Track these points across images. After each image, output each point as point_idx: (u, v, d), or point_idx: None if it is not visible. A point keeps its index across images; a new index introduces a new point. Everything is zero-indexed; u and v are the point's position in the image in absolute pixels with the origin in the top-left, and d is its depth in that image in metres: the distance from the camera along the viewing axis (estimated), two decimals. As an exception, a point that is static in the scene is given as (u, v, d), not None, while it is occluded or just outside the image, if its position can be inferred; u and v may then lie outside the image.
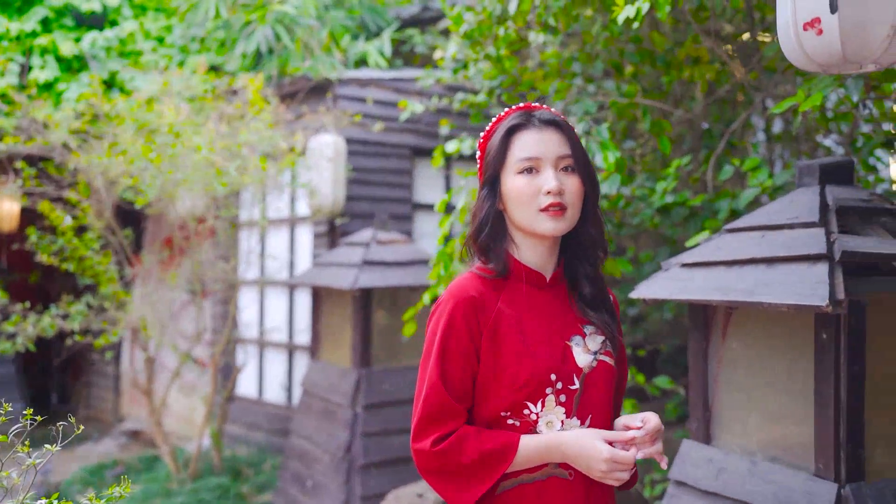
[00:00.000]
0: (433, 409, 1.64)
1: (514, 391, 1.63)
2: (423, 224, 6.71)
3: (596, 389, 1.70)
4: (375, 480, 5.00)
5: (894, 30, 1.58)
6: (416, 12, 7.75)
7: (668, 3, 3.10)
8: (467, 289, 1.69)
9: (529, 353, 1.65)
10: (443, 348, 1.65)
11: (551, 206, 1.65)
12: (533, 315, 1.70)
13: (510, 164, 1.69)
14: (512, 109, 1.78)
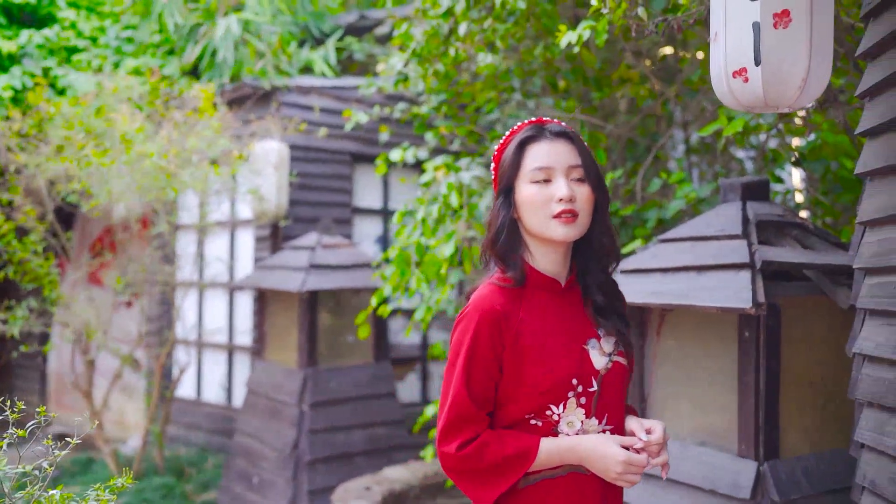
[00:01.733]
0: (458, 415, 1.72)
1: (537, 396, 1.71)
2: (361, 228, 6.92)
3: (612, 389, 1.78)
4: (322, 476, 5.19)
5: (805, 81, 1.90)
6: (354, 20, 7.93)
7: (604, 32, 3.40)
8: (491, 302, 1.74)
9: (551, 359, 1.72)
10: (468, 359, 1.72)
11: (563, 212, 1.71)
12: (552, 321, 1.77)
13: (523, 174, 1.76)
14: (524, 123, 1.84)
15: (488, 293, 1.77)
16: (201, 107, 5.50)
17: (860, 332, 2.21)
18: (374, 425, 5.54)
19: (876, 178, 2.16)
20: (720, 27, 1.95)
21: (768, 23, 1.85)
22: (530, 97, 4.98)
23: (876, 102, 2.15)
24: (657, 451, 1.75)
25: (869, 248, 2.16)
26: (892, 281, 2.04)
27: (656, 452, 1.76)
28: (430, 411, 4.77)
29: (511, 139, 1.83)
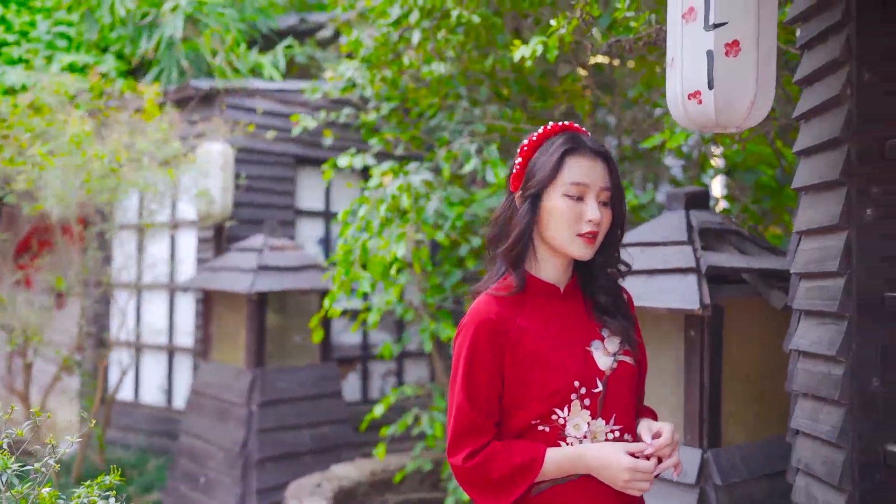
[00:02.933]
0: (462, 427, 1.73)
1: (541, 402, 1.71)
2: (304, 230, 6.98)
3: (618, 389, 1.77)
4: (270, 474, 5.26)
5: (752, 104, 2.11)
6: (294, 23, 7.98)
7: (555, 48, 3.60)
8: (487, 312, 1.74)
9: (552, 365, 1.72)
10: (468, 371, 1.73)
11: (589, 233, 1.73)
12: (552, 326, 1.77)
13: (559, 184, 1.74)
14: (556, 127, 1.82)
15: (484, 302, 1.77)
16: (147, 108, 5.50)
17: (796, 330, 2.45)
18: (321, 424, 5.63)
19: (810, 192, 2.40)
20: (677, 54, 2.14)
21: (721, 51, 2.05)
22: (476, 105, 5.16)
23: (810, 125, 2.39)
24: (669, 454, 1.74)
25: (804, 255, 2.40)
26: (824, 285, 2.28)
27: (668, 455, 1.74)
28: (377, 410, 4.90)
29: (543, 141, 1.80)
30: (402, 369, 7.42)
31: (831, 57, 2.22)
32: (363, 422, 5.15)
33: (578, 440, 1.72)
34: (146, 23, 6.95)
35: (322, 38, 7.82)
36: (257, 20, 7.56)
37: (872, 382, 2.11)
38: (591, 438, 1.73)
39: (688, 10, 2.06)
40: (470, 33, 4.49)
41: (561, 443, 1.73)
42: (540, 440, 1.73)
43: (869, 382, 2.11)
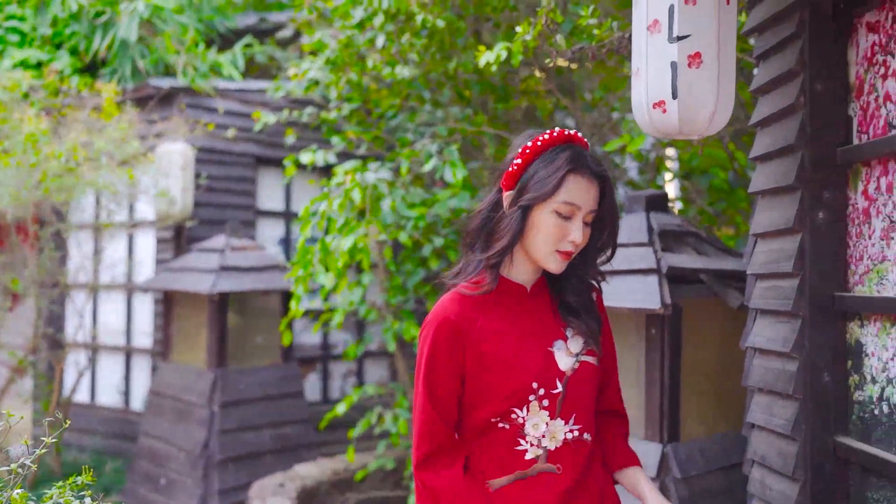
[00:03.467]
0: (421, 426, 1.76)
1: (500, 401, 1.72)
2: (265, 230, 6.97)
3: (579, 390, 1.77)
4: (232, 475, 5.26)
5: (713, 113, 2.21)
6: (254, 23, 7.95)
7: (520, 53, 3.68)
8: (448, 311, 1.75)
9: (512, 365, 1.72)
10: (429, 370, 1.75)
11: (567, 252, 1.74)
12: (515, 326, 1.77)
13: (552, 201, 1.71)
14: (561, 135, 1.77)
15: (448, 301, 1.77)
16: (106, 107, 5.45)
17: (752, 328, 2.56)
18: (282, 424, 5.64)
19: (766, 196, 2.51)
20: (642, 64, 2.23)
21: (684, 63, 2.14)
22: (439, 107, 5.22)
23: (766, 132, 2.50)
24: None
25: (760, 257, 2.51)
26: (779, 285, 2.39)
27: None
28: (340, 409, 4.94)
29: (548, 148, 1.75)
30: (363, 369, 7.45)
31: (786, 67, 2.33)
32: (324, 420, 5.19)
33: (537, 439, 1.73)
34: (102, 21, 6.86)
35: (282, 38, 7.80)
36: (215, 19, 7.52)
37: (824, 378, 2.22)
38: (550, 438, 1.74)
39: (652, 22, 2.15)
40: (434, 37, 4.55)
41: (520, 440, 1.74)
42: (500, 437, 1.74)
43: (821, 378, 2.22)
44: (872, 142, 2.09)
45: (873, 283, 2.11)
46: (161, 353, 6.03)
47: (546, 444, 1.74)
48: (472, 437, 1.78)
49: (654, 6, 2.14)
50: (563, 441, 1.75)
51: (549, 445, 1.74)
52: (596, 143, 5.84)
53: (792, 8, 2.27)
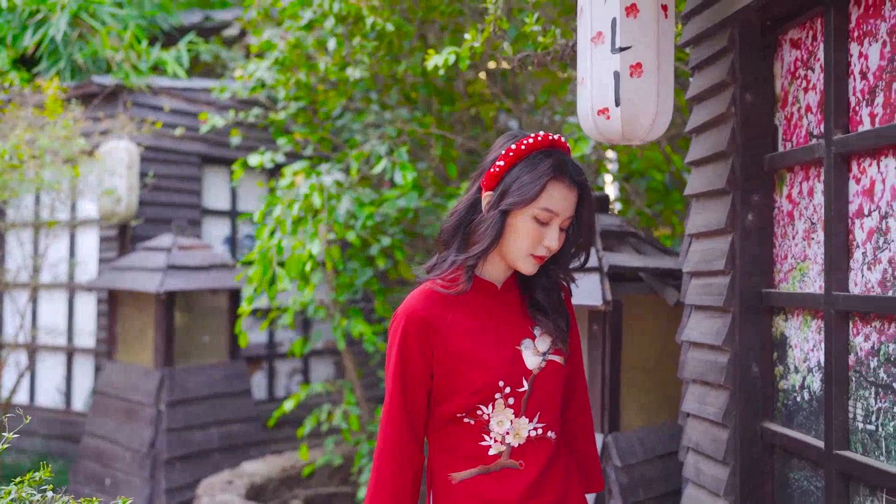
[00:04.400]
0: (387, 412, 1.77)
1: (466, 397, 1.73)
2: (211, 229, 6.96)
3: (545, 388, 1.78)
4: (179, 473, 5.26)
5: (654, 120, 2.35)
6: (198, 20, 7.91)
7: (467, 58, 3.80)
8: (416, 307, 1.75)
9: (479, 362, 1.73)
10: (398, 363, 1.75)
11: (541, 256, 1.75)
12: (484, 324, 1.78)
13: (534, 206, 1.70)
14: (546, 140, 1.76)
15: (418, 296, 1.77)
16: (49, 105, 5.39)
17: (687, 323, 2.72)
18: (230, 422, 5.66)
19: (700, 199, 2.67)
20: (586, 73, 2.37)
21: (626, 72, 2.28)
22: (387, 108, 5.31)
23: (700, 139, 2.66)
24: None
25: (694, 256, 2.67)
26: (712, 282, 2.55)
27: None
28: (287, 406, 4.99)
29: (529, 152, 1.74)
30: (309, 368, 7.49)
31: (718, 79, 2.49)
32: (271, 418, 5.23)
33: (501, 435, 1.74)
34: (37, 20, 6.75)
35: (228, 37, 7.79)
36: (157, 16, 7.46)
37: (752, 368, 2.39)
38: (514, 435, 1.74)
39: (596, 34, 2.28)
40: (382, 39, 4.64)
41: (484, 436, 1.74)
42: (464, 431, 1.75)
43: (749, 368, 2.39)
44: (795, 149, 2.26)
45: (796, 280, 2.28)
46: (106, 352, 5.98)
47: (510, 441, 1.74)
48: (437, 428, 1.79)
49: (597, 19, 2.28)
50: (526, 438, 1.75)
51: (513, 442, 1.74)
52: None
53: (723, 23, 2.43)
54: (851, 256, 2.02)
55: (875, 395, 1.91)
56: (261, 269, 4.45)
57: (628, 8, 2.22)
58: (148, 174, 6.26)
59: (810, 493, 2.19)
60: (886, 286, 1.89)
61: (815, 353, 2.18)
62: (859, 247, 1.99)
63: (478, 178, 1.81)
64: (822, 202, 2.15)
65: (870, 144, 1.93)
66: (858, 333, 1.98)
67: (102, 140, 5.99)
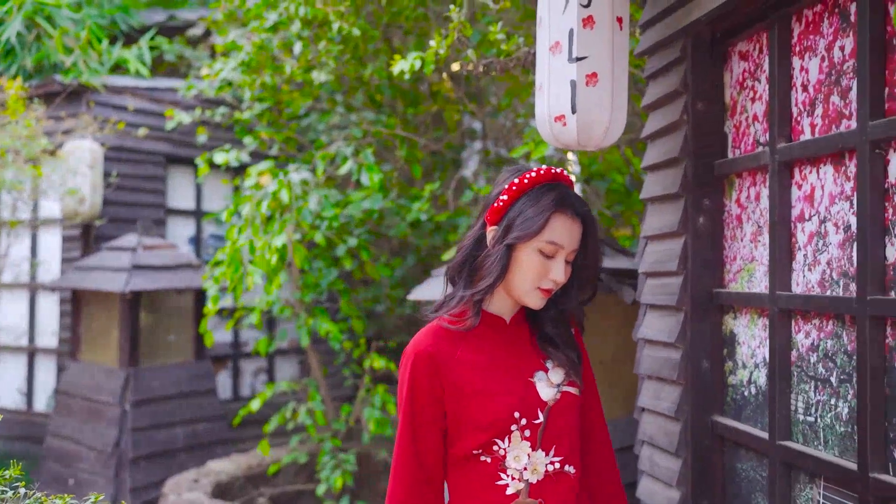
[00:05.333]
0: (401, 477, 1.74)
1: (481, 431, 1.69)
2: (175, 228, 6.96)
3: (561, 420, 1.74)
4: (144, 473, 5.28)
5: (608, 127, 2.45)
6: (162, 20, 7.89)
7: (432, 63, 3.88)
8: (425, 344, 1.73)
9: (492, 396, 1.70)
10: (410, 403, 1.73)
11: (548, 289, 1.74)
12: (494, 357, 1.76)
13: (538, 239, 1.71)
14: (548, 173, 1.77)
15: (427, 334, 1.76)
16: (10, 103, 5.36)
17: (642, 322, 2.83)
18: (195, 421, 5.68)
19: (655, 203, 2.79)
20: (544, 81, 2.46)
21: (582, 81, 2.38)
22: (352, 110, 5.37)
23: (655, 145, 2.77)
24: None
25: (649, 257, 2.78)
26: (666, 282, 2.66)
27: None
28: (254, 405, 5.04)
29: (532, 186, 1.75)
30: (273, 367, 7.52)
31: (671, 88, 2.60)
32: (237, 417, 5.27)
33: (519, 472, 1.70)
34: None
35: (192, 37, 7.78)
36: (116, 14, 7.42)
37: (703, 364, 2.50)
38: (532, 470, 1.70)
39: (554, 44, 2.38)
40: (348, 43, 4.70)
41: (501, 474, 1.70)
42: (480, 471, 1.71)
43: (700, 365, 2.50)
44: (743, 156, 2.37)
45: (744, 281, 2.40)
46: (69, 352, 5.97)
47: (528, 477, 1.70)
48: (451, 471, 1.76)
49: (555, 29, 2.38)
50: (544, 474, 1.71)
51: (531, 479, 1.70)
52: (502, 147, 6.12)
53: (677, 35, 2.54)
54: (794, 258, 2.14)
55: (814, 388, 2.04)
56: (232, 268, 4.49)
57: (585, 20, 2.32)
58: (112, 174, 6.25)
59: (756, 481, 2.31)
60: (825, 286, 2.01)
61: (762, 349, 2.30)
62: (801, 249, 2.11)
63: (482, 214, 1.81)
64: (767, 206, 2.27)
65: (810, 153, 2.05)
66: (800, 331, 2.10)
67: (65, 139, 5.97)
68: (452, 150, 5.92)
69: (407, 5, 4.70)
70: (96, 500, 2.25)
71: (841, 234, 1.95)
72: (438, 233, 5.12)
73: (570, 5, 2.35)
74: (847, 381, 1.91)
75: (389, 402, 4.95)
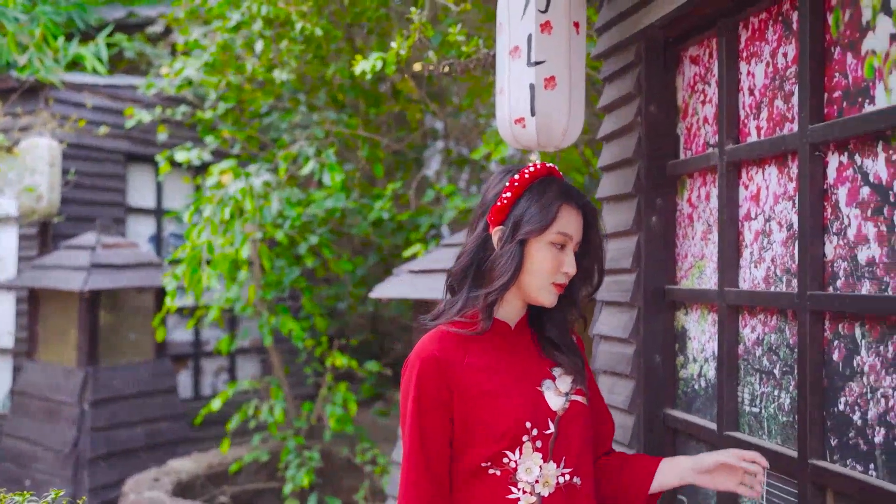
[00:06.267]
0: (410, 481, 1.66)
1: (491, 443, 1.64)
2: (135, 227, 6.91)
3: (572, 430, 1.71)
4: (104, 472, 5.25)
5: (566, 129, 2.53)
6: (121, 16, 7.82)
7: (393, 63, 3.93)
8: (432, 349, 1.68)
9: (502, 404, 1.65)
10: (416, 411, 1.66)
11: (561, 284, 1.73)
12: (502, 364, 1.72)
13: (550, 232, 1.70)
14: (544, 169, 1.78)
15: (432, 339, 1.72)
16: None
17: (598, 318, 2.91)
18: (156, 421, 5.66)
19: (610, 202, 2.86)
20: (505, 85, 2.53)
21: (541, 85, 2.45)
22: (314, 110, 5.40)
23: (610, 146, 2.85)
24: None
25: (606, 255, 2.86)
26: (620, 279, 2.74)
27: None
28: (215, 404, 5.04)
29: (532, 181, 1.76)
30: (235, 366, 7.50)
31: (626, 90, 2.68)
32: (199, 416, 5.26)
33: (530, 485, 1.65)
34: None
35: (152, 34, 7.72)
36: (73, 11, 7.34)
37: (655, 359, 2.58)
38: (544, 483, 1.65)
39: (514, 48, 2.45)
40: (310, 43, 4.73)
41: (512, 488, 1.64)
42: (490, 486, 1.65)
43: (653, 359, 2.58)
44: (694, 157, 2.46)
45: (695, 277, 2.49)
46: (26, 352, 5.90)
47: (539, 491, 1.64)
48: (457, 486, 1.68)
49: (515, 34, 2.44)
50: (555, 486, 1.66)
51: (543, 492, 1.65)
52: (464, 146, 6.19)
53: (631, 39, 2.62)
54: (741, 255, 2.23)
55: (759, 380, 2.12)
56: (189, 268, 4.49)
57: (543, 25, 2.39)
58: (70, 171, 6.19)
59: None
60: (769, 282, 2.10)
61: (711, 343, 2.38)
62: (748, 247, 2.20)
63: (481, 217, 1.78)
64: (716, 206, 2.36)
65: (756, 154, 2.13)
66: (746, 325, 2.19)
67: (22, 136, 5.91)
68: (414, 149, 5.97)
69: (369, 6, 4.74)
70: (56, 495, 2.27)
71: (784, 233, 2.04)
72: (400, 232, 5.17)
73: (529, 11, 2.42)
74: (789, 373, 2.00)
75: (351, 399, 4.99)
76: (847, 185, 1.81)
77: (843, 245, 1.82)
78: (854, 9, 1.81)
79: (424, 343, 1.71)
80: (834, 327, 1.84)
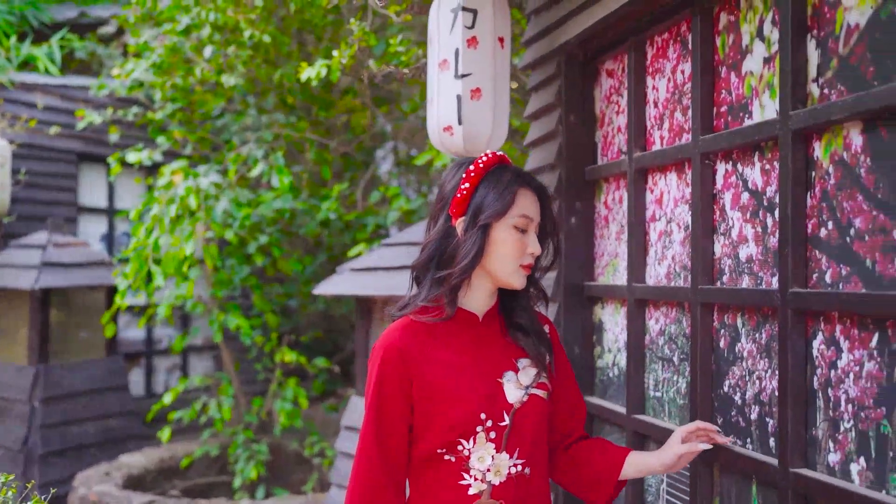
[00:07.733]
0: (362, 482, 1.72)
1: (446, 431, 1.68)
2: (87, 226, 6.96)
3: (526, 423, 1.74)
4: (55, 468, 5.32)
5: (490, 137, 2.71)
6: (74, 17, 7.84)
7: (337, 70, 4.08)
8: (394, 338, 1.72)
9: (459, 395, 1.69)
10: (376, 397, 1.72)
11: (528, 265, 1.78)
12: (464, 356, 1.76)
13: (509, 217, 1.74)
14: (495, 157, 1.81)
15: (396, 328, 1.75)
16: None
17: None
18: (107, 417, 5.74)
19: (536, 204, 3.06)
20: (434, 95, 2.71)
21: (467, 96, 2.63)
22: (264, 112, 5.53)
23: (535, 151, 3.05)
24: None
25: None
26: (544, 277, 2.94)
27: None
28: (166, 399, 5.15)
29: (487, 170, 1.79)
30: (187, 364, 7.58)
31: (548, 101, 2.88)
32: (150, 412, 5.36)
33: (482, 473, 1.70)
34: None
35: (104, 34, 7.76)
36: (26, 10, 7.36)
37: (575, 350, 2.79)
38: (495, 472, 1.71)
39: (442, 61, 2.63)
40: (259, 49, 4.86)
41: (464, 474, 1.70)
42: (444, 470, 1.71)
43: (573, 350, 2.78)
44: (609, 163, 2.67)
45: (610, 274, 2.70)
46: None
47: (490, 479, 1.70)
48: (414, 469, 1.75)
49: (443, 48, 2.63)
50: (507, 476, 1.71)
51: (494, 480, 1.70)
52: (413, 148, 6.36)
53: (553, 53, 2.82)
54: (647, 254, 2.44)
55: (661, 367, 2.34)
56: (136, 266, 4.59)
57: (469, 40, 2.58)
58: (20, 171, 6.24)
59: (618, 452, 2.60)
60: (671, 278, 2.31)
61: (622, 335, 2.59)
62: (653, 246, 2.41)
63: (442, 211, 1.81)
64: (626, 208, 2.57)
65: (659, 162, 2.34)
66: (651, 317, 2.40)
67: (-28, 136, 5.94)
68: (363, 151, 6.13)
69: (316, 14, 4.89)
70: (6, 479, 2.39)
71: (682, 233, 2.25)
72: (348, 231, 5.33)
73: (456, 26, 2.60)
74: (685, 360, 2.22)
75: (301, 395, 5.12)
76: (731, 190, 2.03)
77: (728, 244, 2.04)
78: (736, 34, 2.02)
79: (388, 332, 1.75)
80: (721, 318, 2.06)
